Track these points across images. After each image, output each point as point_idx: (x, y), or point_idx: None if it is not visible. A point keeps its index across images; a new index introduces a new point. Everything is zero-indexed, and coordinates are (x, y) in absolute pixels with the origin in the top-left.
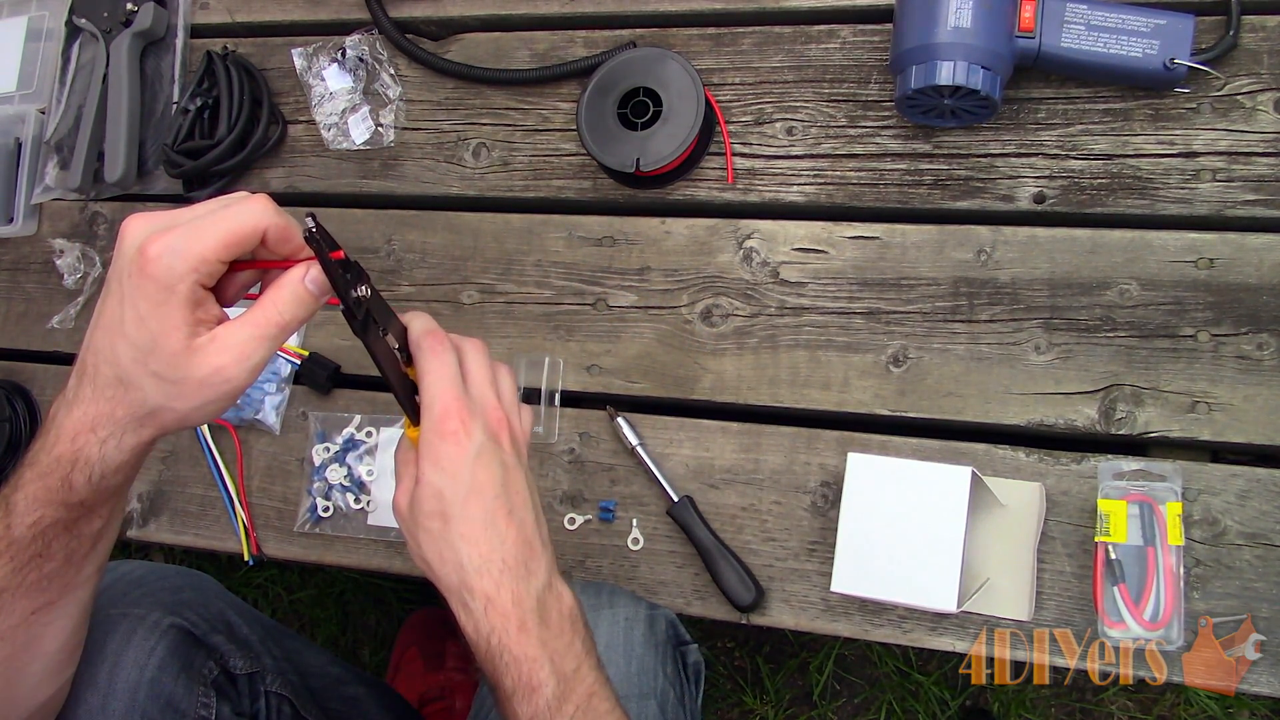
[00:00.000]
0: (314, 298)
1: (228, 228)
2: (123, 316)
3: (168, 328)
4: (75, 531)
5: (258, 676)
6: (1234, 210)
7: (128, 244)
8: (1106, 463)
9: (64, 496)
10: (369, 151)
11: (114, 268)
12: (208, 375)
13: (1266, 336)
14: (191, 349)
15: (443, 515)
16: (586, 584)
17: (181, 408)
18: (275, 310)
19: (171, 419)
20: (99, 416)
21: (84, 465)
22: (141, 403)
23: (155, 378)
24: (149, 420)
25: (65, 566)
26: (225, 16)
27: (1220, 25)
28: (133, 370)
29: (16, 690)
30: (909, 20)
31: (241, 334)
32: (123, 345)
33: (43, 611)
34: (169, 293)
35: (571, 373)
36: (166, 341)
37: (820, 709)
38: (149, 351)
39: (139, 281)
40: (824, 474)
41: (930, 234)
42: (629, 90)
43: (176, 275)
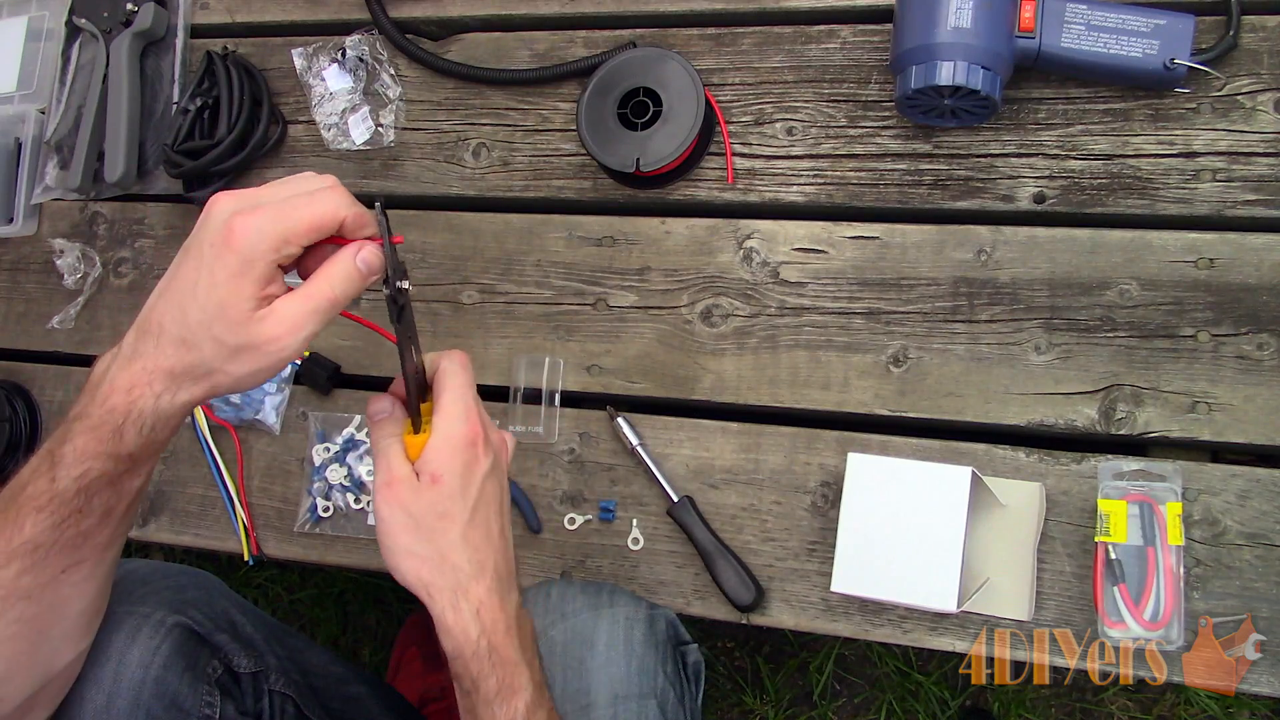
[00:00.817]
0: (363, 276)
1: (312, 215)
2: (197, 281)
3: (237, 298)
4: (117, 487)
5: (261, 675)
6: (1234, 210)
7: (215, 217)
8: (1106, 463)
9: (114, 448)
10: (369, 151)
11: (196, 237)
12: (263, 344)
13: (1266, 336)
14: (254, 319)
15: (450, 517)
16: (586, 584)
17: (236, 371)
18: (328, 285)
19: (225, 381)
20: (156, 371)
21: (137, 417)
22: (199, 362)
23: (216, 341)
24: (204, 379)
25: (101, 524)
26: (225, 16)
27: (1220, 25)
28: (197, 332)
29: (39, 652)
30: (909, 20)
31: (296, 307)
32: (193, 308)
33: (72, 570)
34: (248, 266)
35: (571, 373)
36: (233, 310)
37: (820, 709)
38: (215, 317)
39: (221, 252)
40: (824, 474)
41: (930, 234)
42: (629, 90)
43: (258, 253)
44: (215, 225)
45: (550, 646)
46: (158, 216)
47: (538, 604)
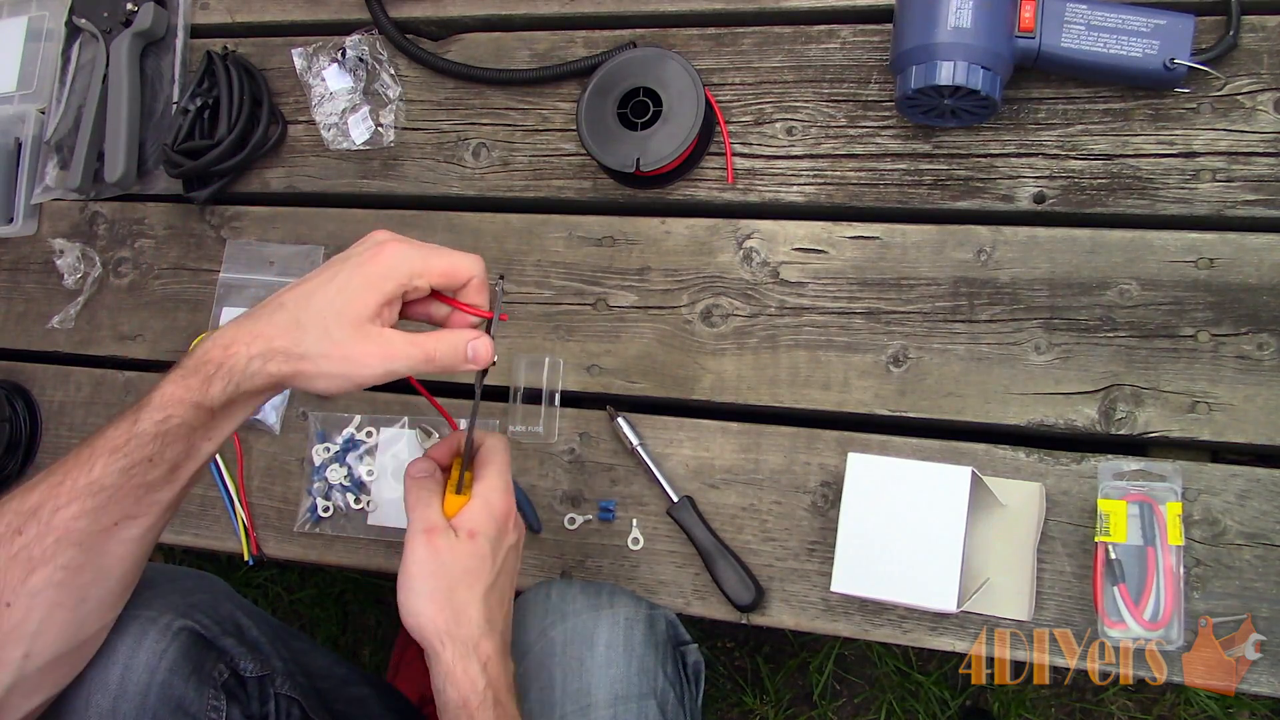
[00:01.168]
0: (465, 360)
1: (449, 263)
2: (334, 279)
3: (360, 304)
4: (191, 442)
5: (267, 679)
6: (1234, 210)
7: (372, 238)
8: (1106, 463)
9: (200, 397)
10: (369, 151)
11: (351, 249)
12: (356, 354)
13: (1266, 336)
14: (363, 328)
15: (476, 575)
16: (586, 584)
17: (322, 367)
18: (434, 345)
19: (309, 370)
20: (260, 336)
21: (226, 372)
22: (299, 343)
23: (323, 331)
24: (295, 361)
25: (166, 480)
26: (225, 16)
27: (1220, 25)
28: (313, 317)
29: (77, 612)
30: (909, 20)
31: (399, 342)
32: (319, 297)
33: (125, 524)
34: (381, 281)
35: (571, 373)
36: (351, 312)
37: (820, 709)
38: (334, 311)
39: (364, 263)
40: (824, 474)
41: (930, 234)
42: (629, 90)
43: (394, 273)
44: (369, 243)
45: (550, 647)
46: (158, 216)
47: (538, 604)
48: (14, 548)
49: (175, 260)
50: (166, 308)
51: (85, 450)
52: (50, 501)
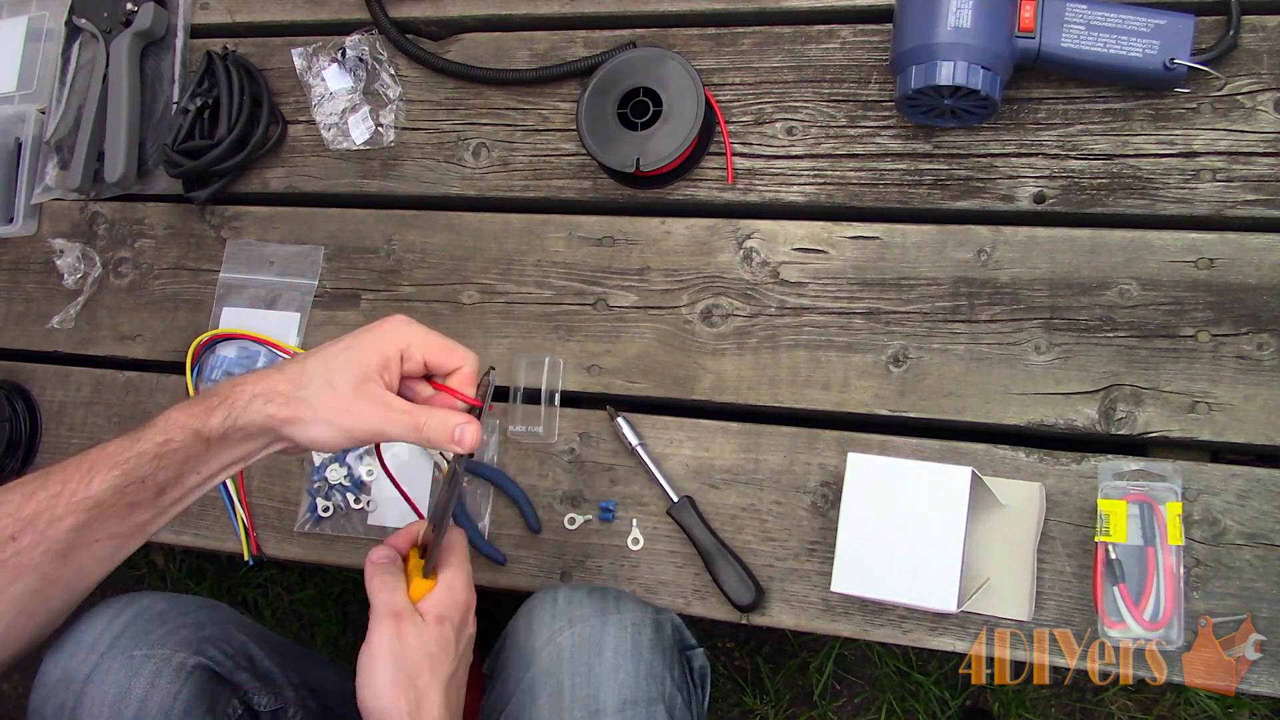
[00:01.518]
0: (451, 441)
1: (448, 345)
2: (342, 341)
3: (362, 361)
4: (183, 470)
5: (281, 713)
6: (1234, 210)
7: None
8: (1106, 463)
9: (200, 425)
10: (369, 151)
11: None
12: (354, 407)
13: (1266, 336)
14: (363, 385)
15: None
16: (592, 589)
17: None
18: (425, 419)
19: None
20: (265, 379)
21: (226, 406)
22: (301, 388)
23: (325, 381)
24: (291, 404)
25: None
26: (225, 16)
27: (1220, 25)
28: (317, 369)
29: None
30: (909, 20)
31: (395, 406)
32: (327, 353)
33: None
34: (383, 343)
35: (571, 373)
36: (354, 367)
37: (820, 709)
38: (337, 365)
39: (371, 329)
40: (824, 474)
41: (930, 234)
42: (629, 90)
43: (397, 337)
44: (382, 318)
45: (558, 653)
46: (158, 216)
47: (544, 609)
48: (7, 553)
49: (175, 260)
50: (166, 308)
51: (86, 461)
52: (48, 511)
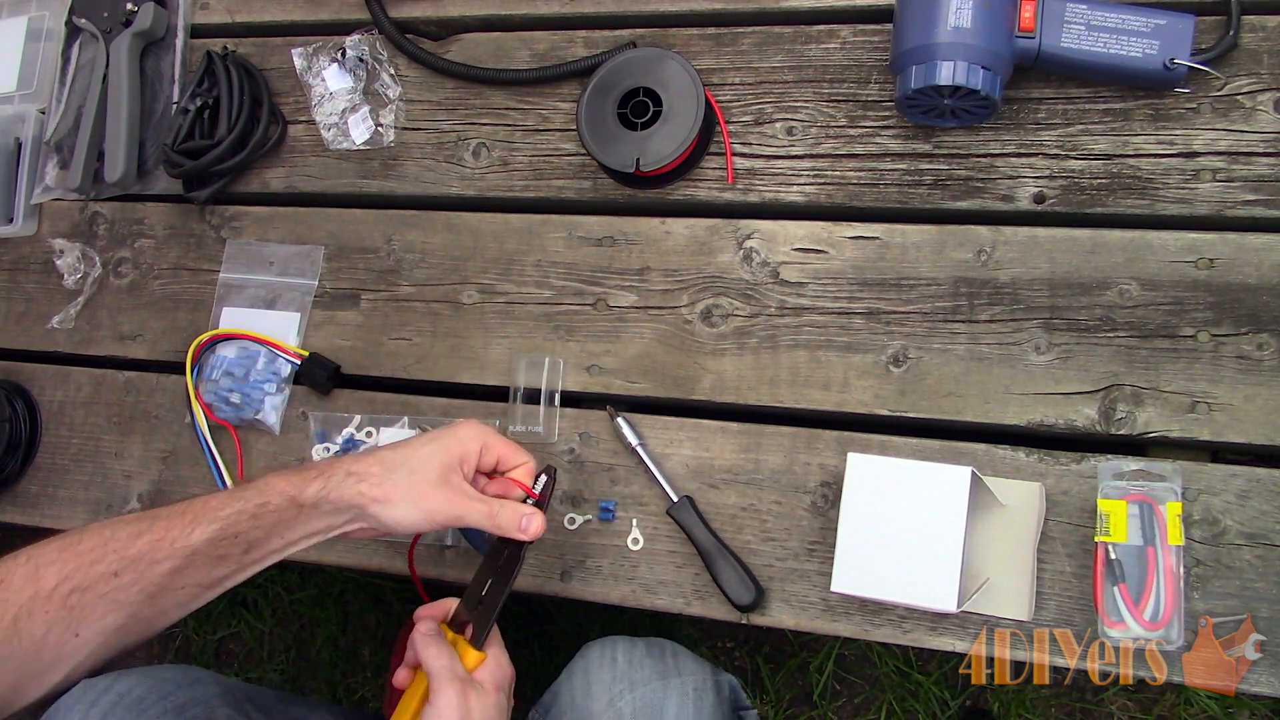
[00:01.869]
0: (519, 530)
1: (515, 448)
2: (423, 438)
3: (444, 455)
4: (271, 532)
5: None
6: (1234, 210)
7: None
8: (1106, 463)
9: (296, 491)
10: (369, 151)
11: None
12: (436, 494)
13: (1266, 336)
14: (445, 475)
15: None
16: (650, 645)
17: (403, 496)
18: (498, 509)
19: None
20: (359, 461)
21: (323, 479)
22: (391, 473)
23: (411, 471)
24: (383, 486)
25: (236, 557)
26: (225, 16)
27: (1220, 25)
28: (404, 459)
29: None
30: (909, 20)
31: (472, 496)
32: (413, 446)
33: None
34: (462, 441)
35: (571, 373)
36: (436, 460)
37: (820, 709)
38: (421, 457)
39: (448, 432)
40: (824, 474)
41: (930, 234)
42: (629, 90)
43: (472, 441)
44: (458, 422)
45: (619, 718)
46: (158, 216)
47: (603, 669)
48: (108, 587)
49: (175, 260)
50: (166, 308)
51: (190, 512)
52: (151, 554)
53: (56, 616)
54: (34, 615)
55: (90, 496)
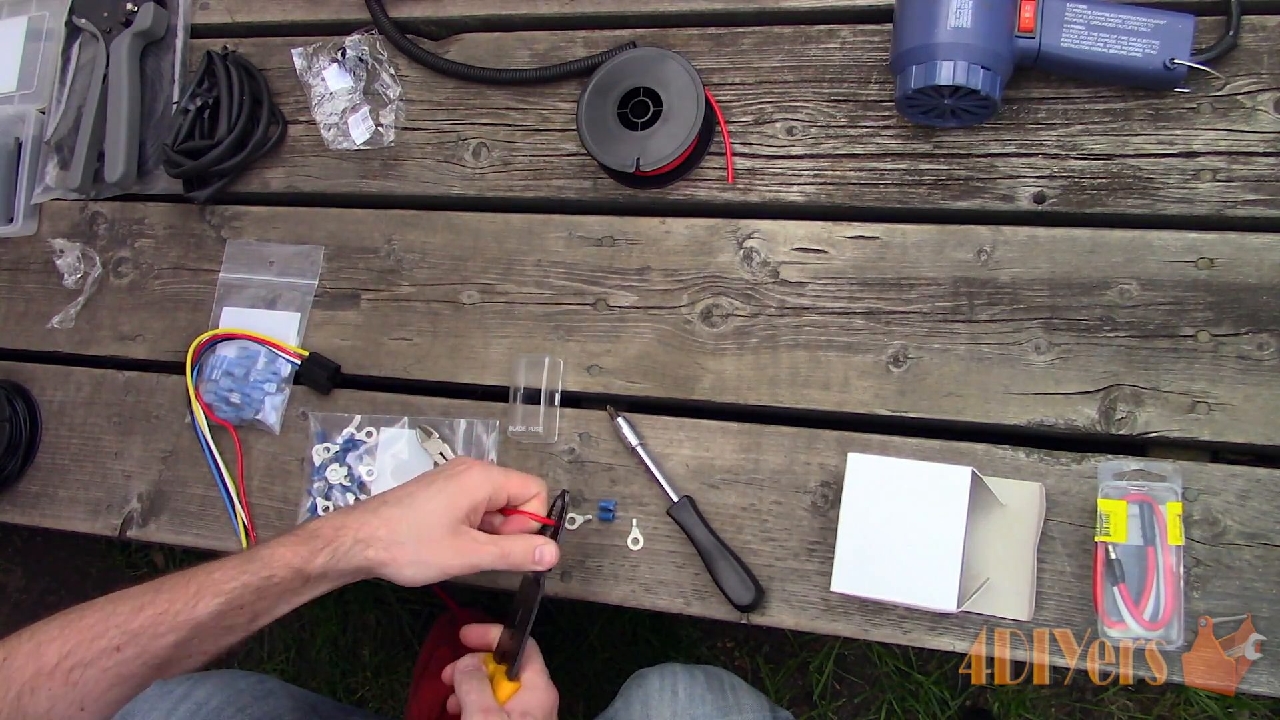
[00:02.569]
0: (532, 561)
1: (523, 482)
2: (431, 486)
3: (445, 513)
4: (276, 601)
5: None
6: (1234, 210)
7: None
8: (1106, 463)
9: (303, 563)
10: (369, 151)
11: (440, 469)
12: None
13: (1266, 336)
14: (454, 528)
15: None
16: (709, 676)
17: (413, 556)
18: (510, 546)
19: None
20: (365, 524)
21: (331, 549)
22: (392, 536)
23: (413, 530)
24: (391, 549)
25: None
26: (225, 16)
27: (1220, 25)
28: (405, 519)
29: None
30: (909, 20)
31: (483, 541)
32: (414, 504)
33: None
34: (465, 496)
35: (571, 373)
36: (436, 519)
37: (820, 709)
38: (423, 517)
39: (451, 482)
40: (824, 474)
41: (930, 234)
42: (629, 90)
43: (477, 491)
44: (457, 466)
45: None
46: (158, 216)
47: (663, 702)
48: (110, 661)
49: (175, 260)
50: (166, 308)
51: (193, 584)
52: (153, 628)
53: (60, 692)
54: (37, 692)
55: (90, 496)
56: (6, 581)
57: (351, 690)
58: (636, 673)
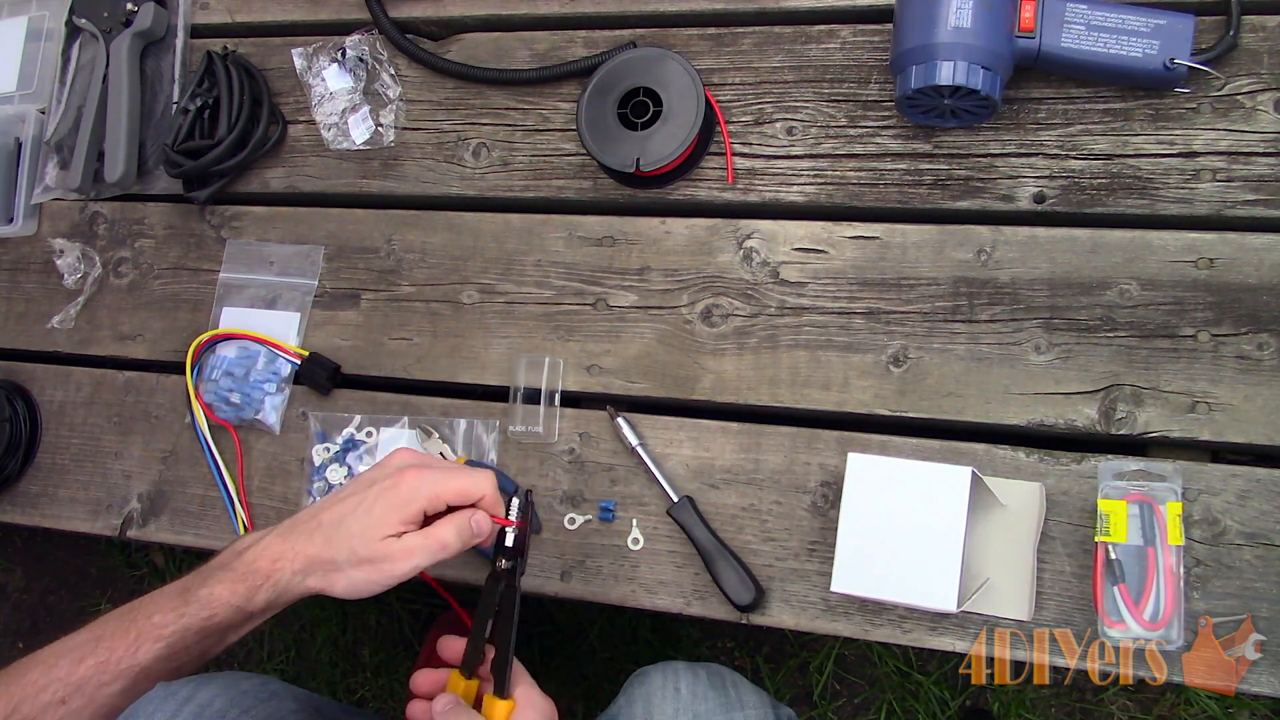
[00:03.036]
0: (472, 535)
1: (463, 485)
2: (361, 505)
3: (383, 526)
4: (223, 636)
5: None
6: (1234, 210)
7: (392, 464)
8: (1106, 463)
9: (244, 602)
10: (369, 151)
11: (372, 473)
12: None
13: (1266, 336)
14: (385, 543)
15: None
16: (711, 672)
17: (354, 575)
18: (443, 534)
19: (341, 582)
20: (302, 554)
21: (271, 585)
22: (334, 559)
23: (352, 550)
24: (330, 574)
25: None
26: (225, 16)
27: (1220, 25)
28: (344, 538)
29: None
30: (909, 20)
31: (415, 541)
32: (350, 521)
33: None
34: (403, 506)
35: (571, 373)
36: (376, 533)
37: (820, 709)
38: (362, 533)
39: (388, 491)
40: (824, 474)
41: (930, 234)
42: (629, 90)
43: (415, 499)
44: (390, 470)
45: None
46: (158, 216)
47: (665, 700)
48: (57, 715)
49: (175, 260)
50: (166, 308)
51: (132, 630)
52: (96, 677)
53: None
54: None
55: (90, 496)
56: (6, 581)
57: (351, 690)
58: (638, 670)
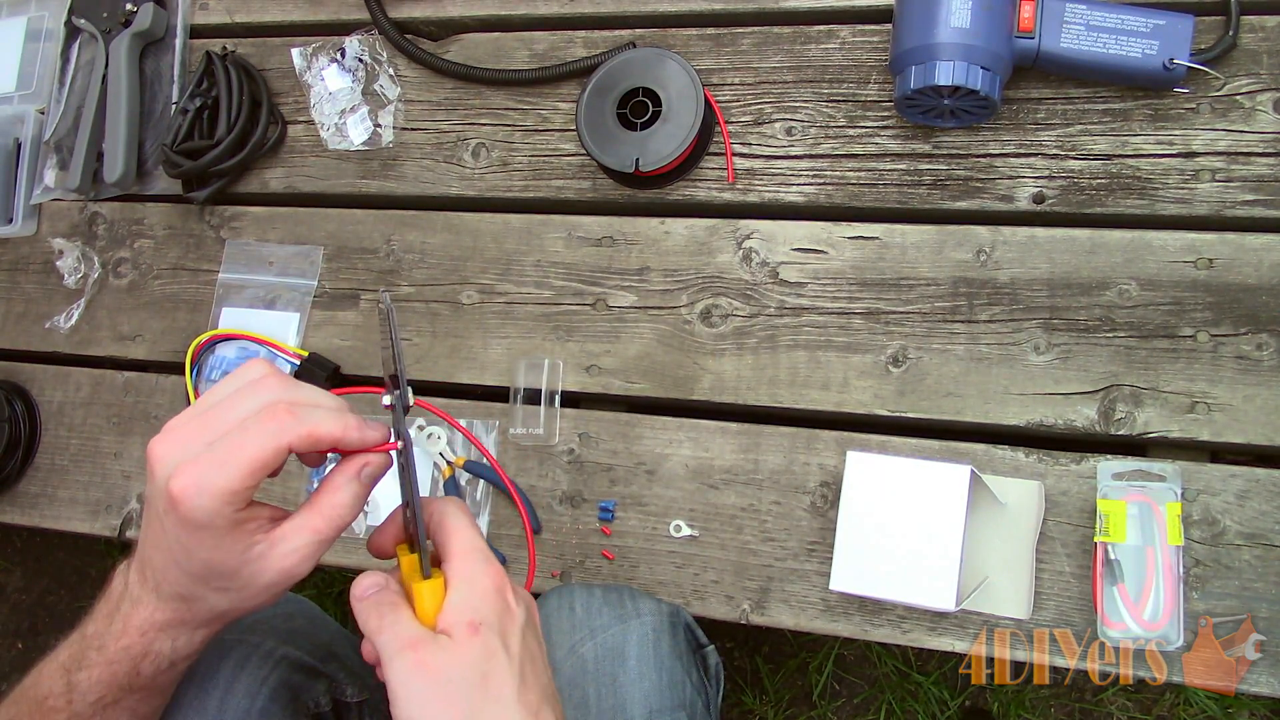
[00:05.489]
0: (367, 490)
1: (249, 457)
2: (170, 545)
3: (218, 555)
4: (133, 709)
5: (366, 705)
6: (1233, 210)
7: (157, 477)
8: (1106, 463)
9: (130, 681)
10: (368, 152)
11: (149, 493)
12: (274, 579)
13: (1266, 336)
14: (249, 560)
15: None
16: (607, 590)
17: (250, 605)
18: (334, 513)
19: (237, 614)
20: (168, 621)
21: (154, 658)
22: (209, 610)
23: (220, 592)
24: (218, 620)
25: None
26: (225, 16)
27: (1220, 25)
28: (195, 589)
29: None
30: (908, 20)
31: (304, 539)
32: (176, 572)
33: None
34: (206, 529)
35: (571, 373)
36: (222, 565)
37: (820, 709)
38: (206, 576)
39: (175, 521)
40: (823, 474)
41: (930, 234)
42: (629, 90)
43: (208, 513)
44: (159, 488)
45: (582, 664)
46: (157, 216)
47: (562, 618)
48: None
49: (175, 260)
50: (166, 308)
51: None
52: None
53: None
54: None
55: (90, 497)
56: (6, 581)
57: None
58: (538, 598)
